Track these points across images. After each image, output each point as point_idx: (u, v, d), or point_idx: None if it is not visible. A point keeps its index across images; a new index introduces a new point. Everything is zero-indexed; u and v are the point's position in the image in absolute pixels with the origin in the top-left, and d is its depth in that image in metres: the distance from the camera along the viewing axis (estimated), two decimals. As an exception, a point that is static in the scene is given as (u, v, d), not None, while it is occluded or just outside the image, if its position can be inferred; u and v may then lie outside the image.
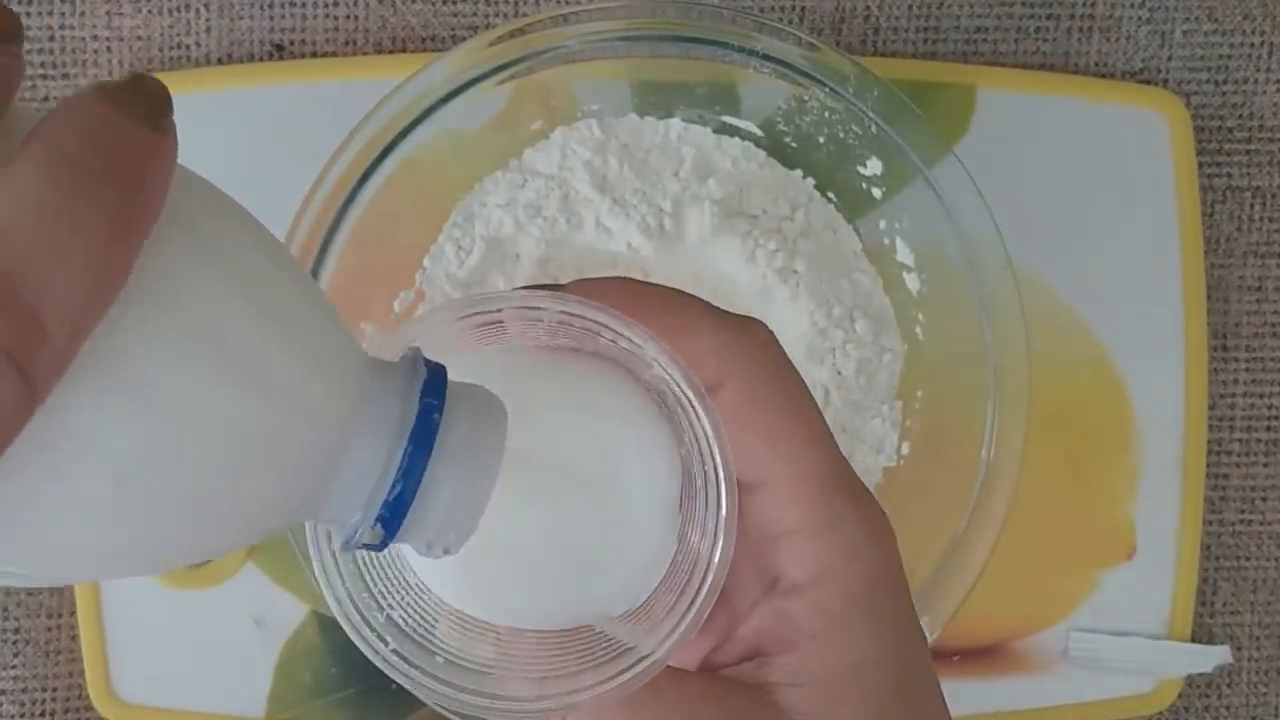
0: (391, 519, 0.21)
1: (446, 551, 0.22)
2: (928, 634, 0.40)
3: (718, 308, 0.27)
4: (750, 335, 0.27)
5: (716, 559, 0.25)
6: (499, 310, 0.25)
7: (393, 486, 0.21)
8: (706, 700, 0.26)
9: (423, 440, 0.21)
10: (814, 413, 0.27)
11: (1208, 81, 0.47)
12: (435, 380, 0.22)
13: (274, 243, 0.21)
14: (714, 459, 0.25)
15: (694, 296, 0.27)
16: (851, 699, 0.26)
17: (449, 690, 0.25)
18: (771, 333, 0.27)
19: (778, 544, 0.27)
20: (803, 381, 0.27)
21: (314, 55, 0.45)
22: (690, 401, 0.25)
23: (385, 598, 0.25)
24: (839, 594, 0.26)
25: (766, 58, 0.40)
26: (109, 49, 0.45)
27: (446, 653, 0.26)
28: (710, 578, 0.25)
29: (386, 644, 0.25)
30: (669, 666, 0.26)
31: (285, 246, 0.22)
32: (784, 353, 0.27)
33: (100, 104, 0.18)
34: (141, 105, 0.19)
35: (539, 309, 0.25)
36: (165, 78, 0.44)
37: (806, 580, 0.26)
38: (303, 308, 0.21)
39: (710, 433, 0.25)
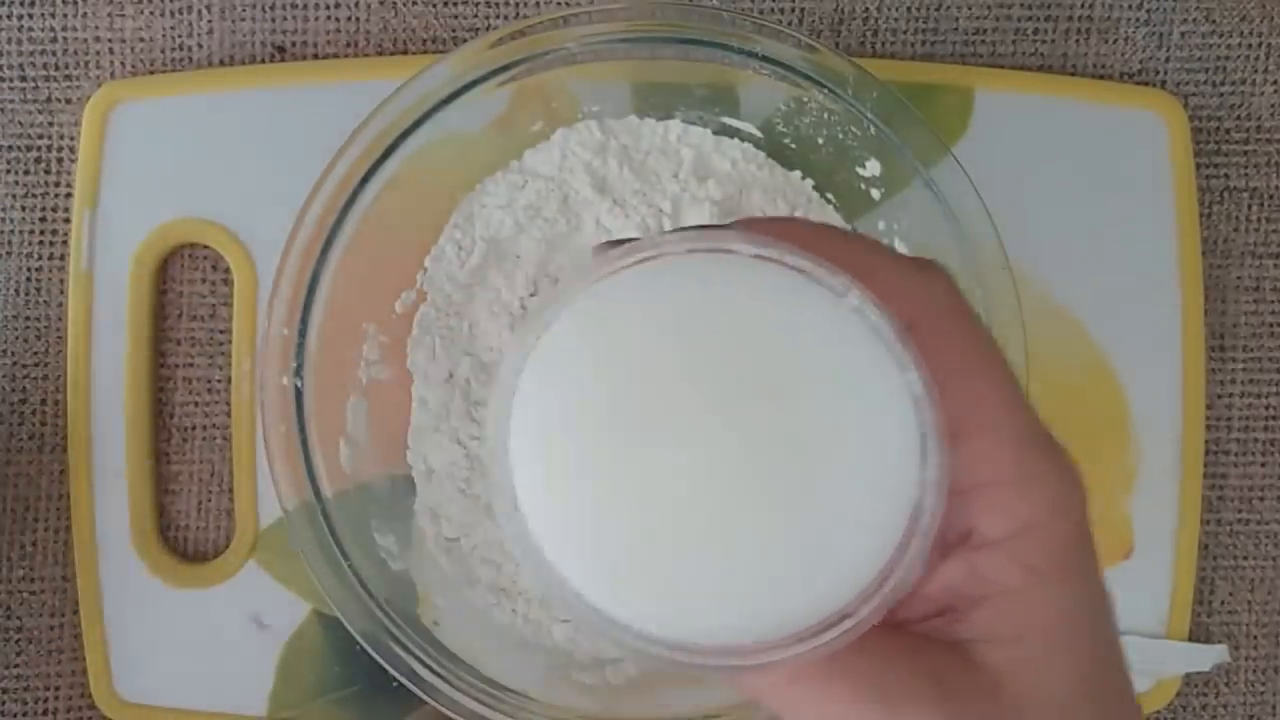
0: None
1: None
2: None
3: (896, 250, 0.25)
4: (934, 279, 0.25)
5: (926, 521, 0.23)
6: (688, 251, 0.23)
7: None
8: (909, 655, 0.24)
9: None
10: (1003, 361, 0.25)
11: (1205, 83, 0.47)
12: None
13: None
14: (927, 414, 0.23)
15: (872, 238, 0.25)
16: (1058, 658, 0.24)
17: (637, 641, 0.23)
18: (952, 276, 0.26)
19: (970, 497, 0.25)
20: (986, 327, 0.25)
21: (315, 57, 0.46)
22: (899, 353, 0.23)
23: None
24: (1042, 548, 0.25)
25: (766, 59, 0.40)
26: (111, 50, 0.45)
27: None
28: (917, 542, 0.23)
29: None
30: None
31: None
32: (965, 298, 0.25)
33: None
34: None
35: (730, 251, 0.23)
36: (167, 79, 0.45)
37: (1007, 534, 0.25)
38: None
39: (922, 386, 0.23)
